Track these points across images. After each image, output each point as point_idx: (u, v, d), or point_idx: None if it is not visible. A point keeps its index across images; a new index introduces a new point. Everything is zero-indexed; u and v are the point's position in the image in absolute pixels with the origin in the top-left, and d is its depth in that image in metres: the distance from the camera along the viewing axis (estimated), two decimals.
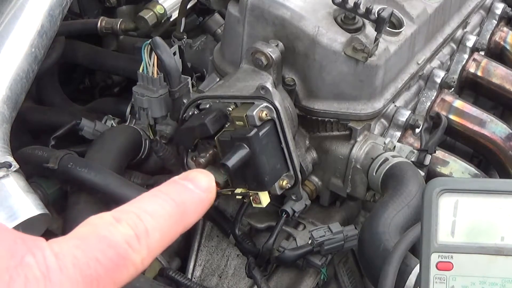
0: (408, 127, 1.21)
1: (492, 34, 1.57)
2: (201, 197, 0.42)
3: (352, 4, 1.02)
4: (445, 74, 1.31)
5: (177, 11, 1.39)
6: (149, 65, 1.15)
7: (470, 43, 1.44)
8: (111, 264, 0.36)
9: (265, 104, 0.98)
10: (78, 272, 0.35)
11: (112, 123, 1.32)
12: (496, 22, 1.58)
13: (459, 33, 1.44)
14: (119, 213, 0.39)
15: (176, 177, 0.42)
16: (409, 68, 1.23)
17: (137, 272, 0.38)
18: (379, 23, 1.01)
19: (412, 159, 1.13)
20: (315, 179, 1.20)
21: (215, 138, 1.00)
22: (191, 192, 0.41)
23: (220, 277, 1.27)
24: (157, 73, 1.16)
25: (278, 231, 1.15)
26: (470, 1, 1.46)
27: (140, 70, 1.17)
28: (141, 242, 0.37)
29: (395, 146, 1.13)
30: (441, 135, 1.23)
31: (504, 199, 0.56)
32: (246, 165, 0.97)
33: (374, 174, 1.07)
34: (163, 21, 1.45)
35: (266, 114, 0.98)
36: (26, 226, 0.88)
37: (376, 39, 1.04)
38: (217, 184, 1.06)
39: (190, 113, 1.07)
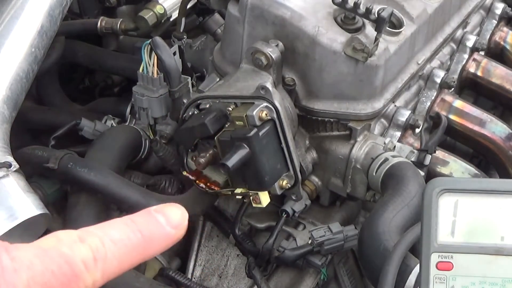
0: (408, 127, 1.21)
1: (492, 34, 1.57)
2: (170, 233, 0.44)
3: (352, 4, 1.02)
4: (445, 74, 1.31)
5: (177, 11, 1.39)
6: (149, 65, 1.15)
7: (470, 43, 1.44)
8: (64, 278, 0.39)
9: (265, 104, 0.98)
10: (31, 278, 0.38)
11: (112, 123, 1.32)
12: (496, 22, 1.58)
13: (459, 33, 1.44)
14: (85, 234, 0.41)
15: (151, 208, 0.45)
16: (409, 68, 1.23)
17: None
18: (379, 23, 1.01)
19: (412, 159, 1.13)
20: (315, 179, 1.20)
21: (215, 138, 1.00)
22: (160, 227, 0.44)
23: (220, 277, 1.27)
24: (157, 73, 1.16)
25: (278, 231, 1.16)
26: (470, 1, 1.46)
27: (140, 70, 1.17)
28: (97, 265, 0.40)
29: (395, 146, 1.13)
30: (441, 135, 1.23)
31: (504, 199, 0.56)
32: (246, 165, 0.97)
33: (374, 174, 1.07)
34: (163, 21, 1.45)
35: (266, 114, 0.98)
36: (26, 226, 0.88)
37: (376, 39, 1.04)
38: (217, 184, 1.06)
39: (190, 113, 1.07)
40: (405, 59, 1.21)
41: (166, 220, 0.44)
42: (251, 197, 1.03)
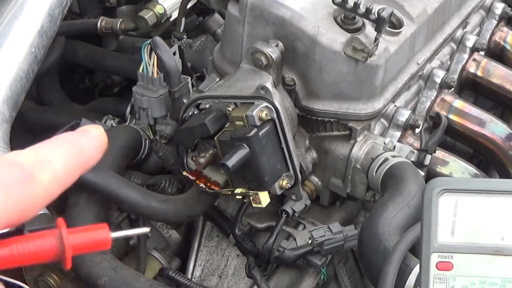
0: (408, 127, 1.21)
1: (492, 34, 1.57)
2: (94, 138, 0.46)
3: (352, 4, 1.02)
4: (445, 74, 1.31)
5: (177, 11, 1.39)
6: (149, 65, 1.15)
7: (470, 43, 1.44)
8: (20, 176, 0.39)
9: (265, 104, 0.98)
10: None
11: (112, 123, 1.32)
12: (496, 22, 1.58)
13: (459, 33, 1.44)
14: (20, 150, 0.42)
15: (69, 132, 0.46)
16: (409, 68, 1.23)
17: (46, 192, 0.41)
18: (379, 23, 1.01)
19: (412, 159, 1.13)
20: (315, 179, 1.20)
21: (215, 138, 1.00)
22: (85, 135, 0.46)
23: (220, 277, 1.27)
24: (157, 73, 1.16)
25: (278, 231, 1.16)
26: (470, 1, 1.46)
27: (140, 70, 1.17)
28: (44, 166, 0.41)
29: (395, 146, 1.13)
30: (441, 135, 1.23)
31: (504, 199, 0.56)
32: (246, 165, 0.97)
33: (374, 174, 1.07)
34: (163, 21, 1.45)
35: (266, 114, 0.98)
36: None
37: (376, 39, 1.04)
38: (217, 184, 1.06)
39: (190, 113, 1.07)
40: (405, 59, 1.21)
41: (88, 132, 0.46)
42: (251, 197, 1.03)
